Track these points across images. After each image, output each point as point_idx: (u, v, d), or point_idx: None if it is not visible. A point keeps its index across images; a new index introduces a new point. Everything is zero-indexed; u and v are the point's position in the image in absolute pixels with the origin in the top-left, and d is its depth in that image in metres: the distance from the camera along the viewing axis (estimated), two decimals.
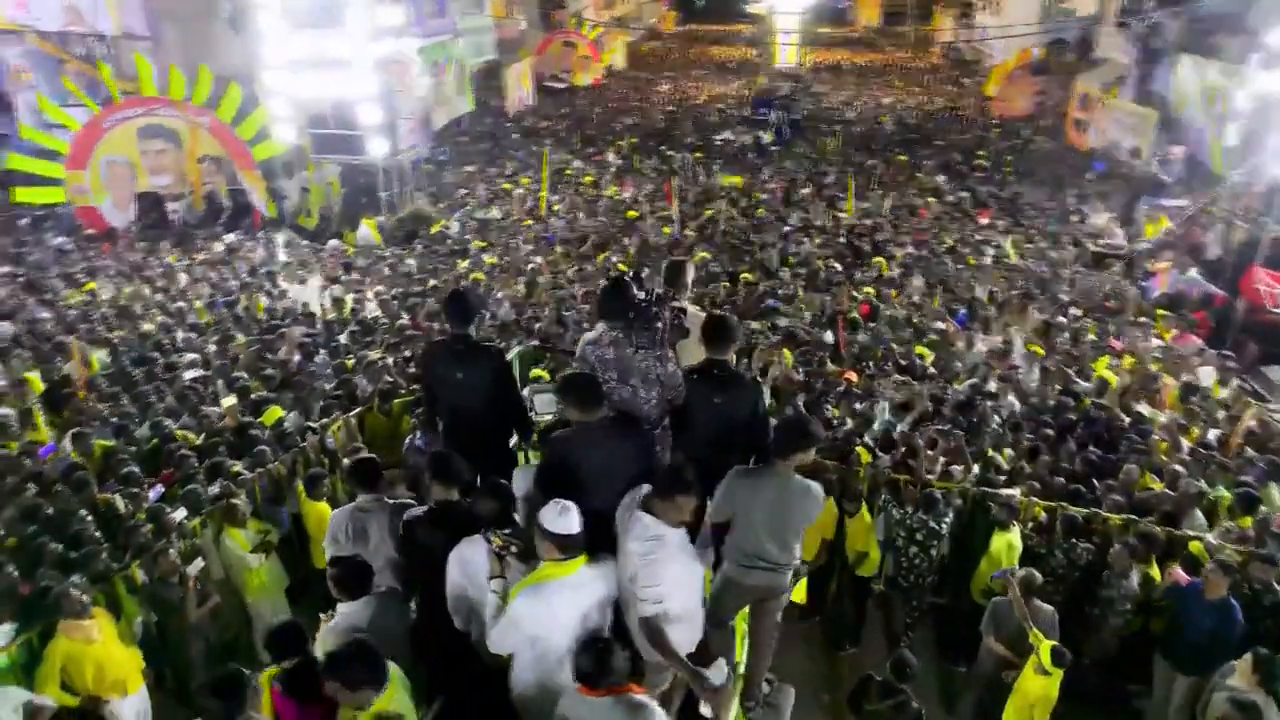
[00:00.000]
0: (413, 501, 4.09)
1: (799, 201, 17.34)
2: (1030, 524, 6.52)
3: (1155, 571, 6.04)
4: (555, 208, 16.71)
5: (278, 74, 14.68)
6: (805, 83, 32.82)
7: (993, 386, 8.49)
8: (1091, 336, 10.12)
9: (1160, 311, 11.01)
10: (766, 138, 23.70)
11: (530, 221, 15.89)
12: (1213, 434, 7.71)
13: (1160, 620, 6.03)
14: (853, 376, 8.24)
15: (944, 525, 6.49)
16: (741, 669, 3.75)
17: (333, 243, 14.33)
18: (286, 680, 3.00)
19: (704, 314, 3.98)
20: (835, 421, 7.71)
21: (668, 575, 3.11)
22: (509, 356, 5.50)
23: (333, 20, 14.05)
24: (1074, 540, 6.23)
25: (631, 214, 16.39)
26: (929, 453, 7.21)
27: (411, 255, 13.69)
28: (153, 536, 5.90)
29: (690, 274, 4.23)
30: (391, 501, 3.97)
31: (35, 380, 8.60)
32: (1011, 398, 8.42)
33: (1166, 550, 6.24)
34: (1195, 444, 7.53)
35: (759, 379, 8.36)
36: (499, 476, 3.73)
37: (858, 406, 8.00)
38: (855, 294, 11.22)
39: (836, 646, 6.99)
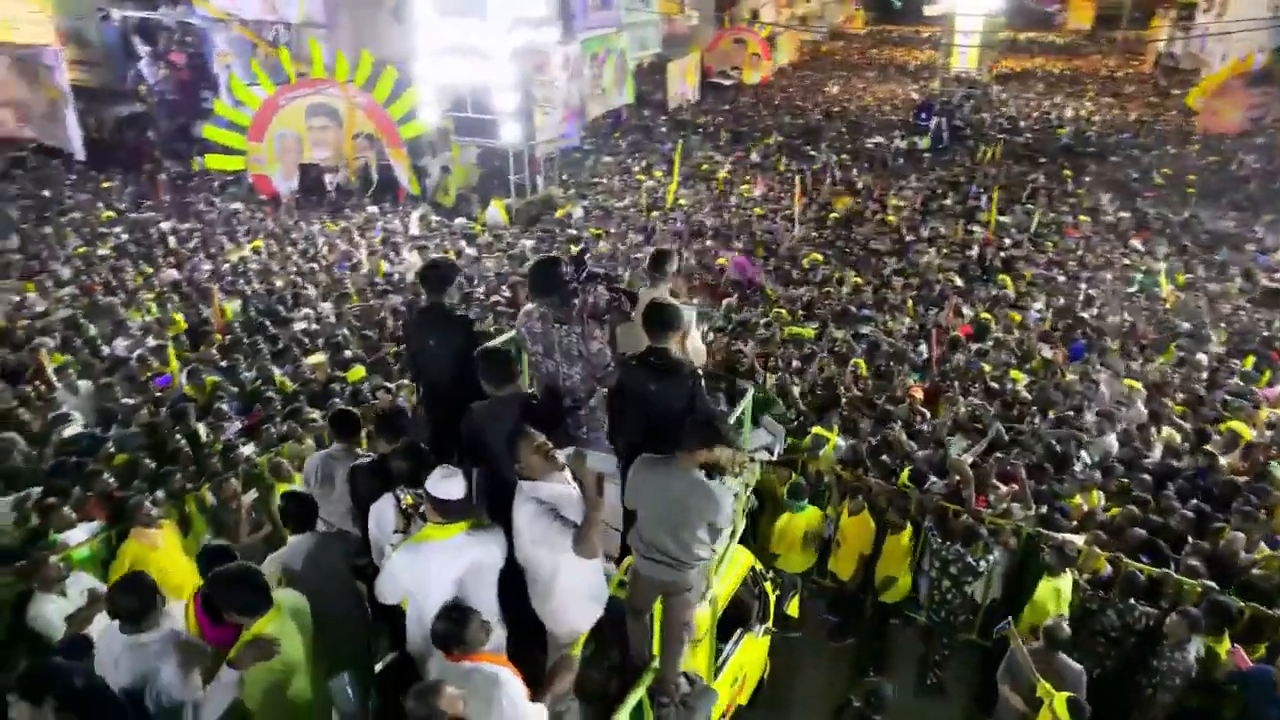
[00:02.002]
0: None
1: (936, 211, 16.41)
2: (1087, 576, 5.88)
3: (1223, 649, 5.28)
4: (681, 202, 16.78)
5: (427, 59, 15.69)
6: (982, 89, 30.73)
7: (1089, 420, 7.70)
8: (1237, 382, 8.90)
9: None
10: (922, 144, 22.53)
11: (655, 213, 16.06)
12: None
13: (1232, 705, 5.29)
14: (918, 393, 7.73)
15: (985, 563, 6.02)
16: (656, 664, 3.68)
17: (458, 220, 15.20)
18: (205, 599, 3.27)
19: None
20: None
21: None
22: (508, 336, 5.63)
23: (477, 9, 14.87)
24: (1132, 600, 5.57)
25: (759, 211, 16.22)
26: (1000, 486, 6.66)
27: (529, 236, 14.25)
28: (223, 465, 6.63)
29: (674, 264, 4.16)
30: (359, 451, 4.22)
31: (180, 320, 9.85)
32: (1111, 437, 7.61)
33: (1251, 630, 5.45)
34: None
35: (821, 381, 8.10)
36: None
37: (925, 428, 7.53)
38: (964, 311, 10.49)
39: (862, 671, 6.66)
